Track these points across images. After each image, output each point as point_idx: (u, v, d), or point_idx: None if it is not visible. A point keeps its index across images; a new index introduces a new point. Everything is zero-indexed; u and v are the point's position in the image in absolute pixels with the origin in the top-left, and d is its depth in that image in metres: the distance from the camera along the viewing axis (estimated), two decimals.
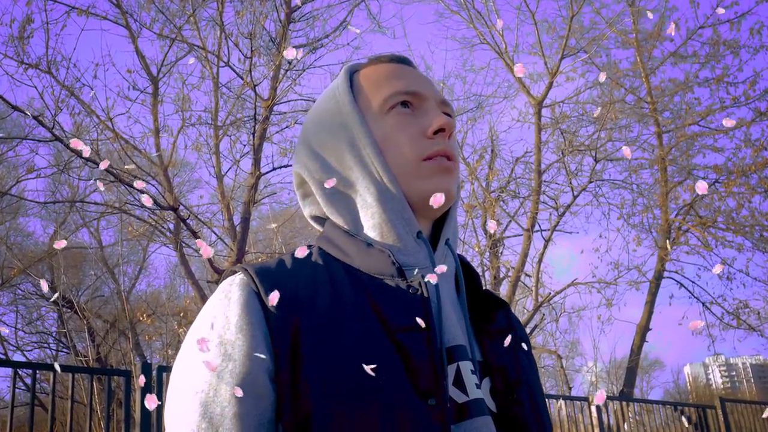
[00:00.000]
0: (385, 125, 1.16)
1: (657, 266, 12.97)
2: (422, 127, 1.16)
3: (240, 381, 0.95)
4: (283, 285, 1.04)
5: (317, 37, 10.19)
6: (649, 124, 12.90)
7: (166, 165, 9.37)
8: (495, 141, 12.84)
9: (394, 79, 1.20)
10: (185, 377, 1.00)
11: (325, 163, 1.19)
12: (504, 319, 1.18)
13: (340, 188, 1.17)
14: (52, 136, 7.55)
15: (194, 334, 1.05)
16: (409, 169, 1.14)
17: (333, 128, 1.19)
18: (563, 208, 11.67)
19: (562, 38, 11.56)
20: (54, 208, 15.98)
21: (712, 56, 12.52)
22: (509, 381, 1.09)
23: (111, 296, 17.30)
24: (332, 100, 1.22)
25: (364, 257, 1.11)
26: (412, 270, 1.11)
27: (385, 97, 1.18)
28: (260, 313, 1.01)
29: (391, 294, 1.06)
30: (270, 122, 9.77)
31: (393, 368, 0.98)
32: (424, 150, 1.14)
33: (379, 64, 1.25)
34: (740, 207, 12.33)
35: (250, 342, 0.98)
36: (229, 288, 1.06)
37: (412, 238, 1.13)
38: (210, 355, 0.98)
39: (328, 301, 1.04)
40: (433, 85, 1.24)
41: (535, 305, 10.88)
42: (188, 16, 9.27)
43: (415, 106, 1.18)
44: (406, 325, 1.02)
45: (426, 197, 1.13)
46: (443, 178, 1.14)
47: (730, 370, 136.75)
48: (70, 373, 5.33)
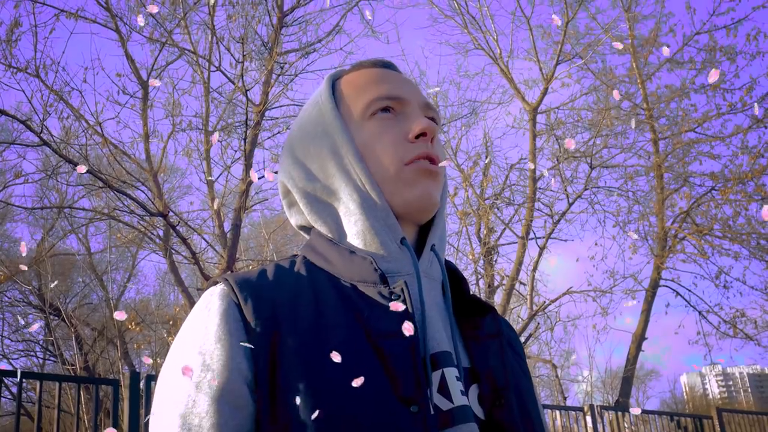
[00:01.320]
0: (366, 131, 1.16)
1: (653, 275, 12.99)
2: (404, 132, 1.16)
3: (218, 391, 0.96)
4: (264, 295, 1.05)
5: (310, 42, 10.20)
6: (645, 130, 12.93)
7: (156, 170, 9.35)
8: (489, 147, 12.86)
9: (376, 84, 1.20)
10: (167, 389, 1.01)
11: (308, 171, 1.19)
12: (492, 323, 1.17)
13: (324, 197, 1.17)
14: (41, 140, 7.55)
15: (176, 346, 1.06)
16: (391, 174, 1.14)
17: (316, 136, 1.19)
18: (558, 215, 11.70)
19: (558, 44, 11.61)
20: (42, 214, 15.95)
21: (709, 62, 12.58)
22: (497, 387, 1.08)
23: (99, 304, 17.26)
24: (315, 108, 1.23)
25: (347, 265, 1.11)
26: (395, 277, 1.11)
27: (366, 103, 1.18)
28: (240, 323, 1.01)
29: (374, 301, 1.06)
30: (261, 128, 9.77)
31: (375, 375, 0.98)
32: (405, 154, 1.14)
33: (361, 70, 1.25)
34: (737, 215, 12.37)
35: (229, 352, 0.98)
36: (210, 298, 1.06)
37: (395, 245, 1.13)
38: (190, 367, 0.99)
39: (310, 310, 1.04)
40: (416, 88, 1.24)
41: (529, 314, 10.89)
42: (179, 20, 9.28)
43: (397, 110, 1.18)
44: (389, 331, 1.02)
45: (409, 203, 1.13)
46: (426, 181, 1.14)
47: (727, 379, 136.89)
48: (56, 382, 5.31)
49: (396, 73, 1.26)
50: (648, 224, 13.16)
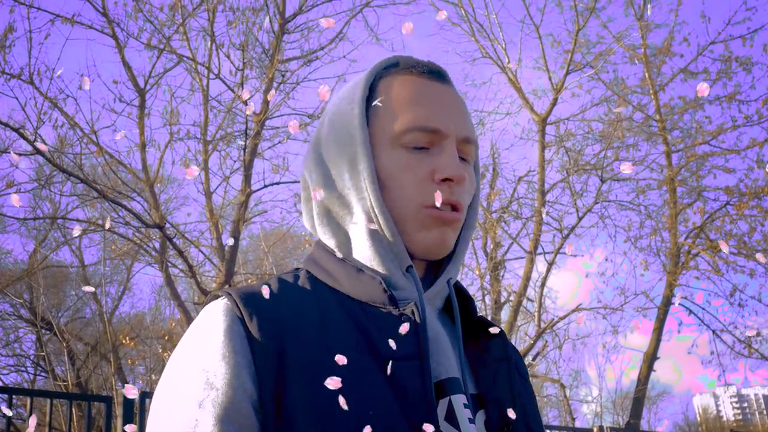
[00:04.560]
0: (393, 158, 1.12)
1: (665, 292, 12.95)
2: (431, 169, 1.11)
3: (223, 411, 0.94)
4: (269, 310, 1.03)
5: (312, 50, 10.22)
6: (658, 143, 12.92)
7: (153, 181, 9.37)
8: (497, 159, 12.85)
9: (419, 106, 1.13)
10: (165, 408, 0.99)
11: (328, 174, 1.16)
12: (500, 346, 1.16)
13: (336, 208, 1.16)
14: (34, 149, 7.56)
15: (176, 362, 1.03)
16: (408, 213, 1.11)
17: (340, 137, 1.15)
18: (567, 230, 11.68)
19: (568, 52, 11.62)
20: (34, 225, 15.94)
21: (724, 73, 12.58)
22: (505, 414, 1.08)
23: (93, 318, 17.22)
24: (350, 105, 1.17)
25: (354, 283, 1.10)
26: (403, 301, 1.10)
27: (402, 130, 1.12)
28: (244, 339, 0.99)
29: (383, 322, 1.05)
30: (261, 137, 9.79)
31: (384, 399, 0.97)
32: (427, 197, 1.10)
33: (407, 75, 1.18)
34: (753, 231, 12.34)
35: (234, 370, 0.97)
36: (212, 313, 1.04)
37: (401, 273, 1.12)
38: (192, 384, 0.97)
39: (316, 327, 1.02)
40: (461, 112, 1.17)
41: (537, 331, 10.85)
42: (177, 26, 9.31)
43: (433, 143, 1.13)
44: (399, 354, 1.01)
45: (420, 246, 1.12)
46: (440, 230, 1.12)
47: (741, 401, 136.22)
48: (48, 399, 5.29)
49: (444, 88, 1.18)
50: (660, 239, 13.15)
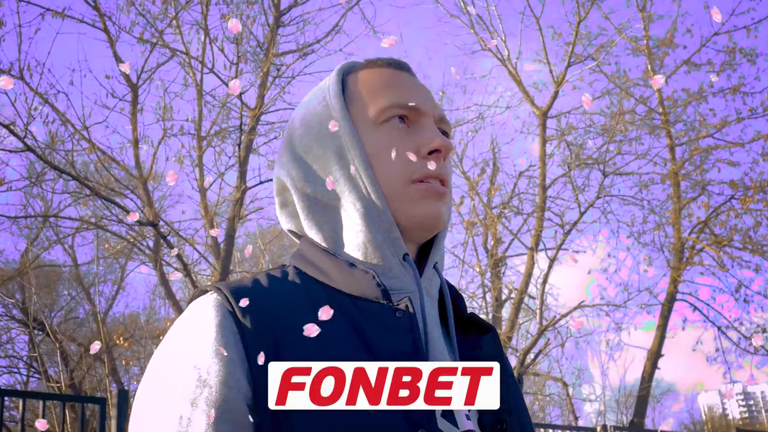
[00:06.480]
0: (377, 139, 1.15)
1: (669, 288, 12.95)
2: (417, 146, 1.14)
3: (217, 409, 0.93)
4: (262, 306, 1.02)
5: (308, 43, 10.21)
6: (661, 136, 12.91)
7: (146, 178, 9.36)
8: (497, 153, 12.83)
9: (392, 89, 1.18)
10: (152, 406, 0.98)
11: (309, 170, 1.17)
12: (492, 343, 1.17)
13: (324, 200, 1.16)
14: (24, 146, 7.55)
15: (163, 359, 1.02)
16: (398, 189, 1.13)
17: (320, 134, 1.17)
18: (569, 225, 11.67)
19: (569, 45, 11.60)
20: (26, 223, 15.93)
21: (728, 64, 12.58)
22: (499, 410, 1.08)
23: (86, 318, 17.22)
24: (322, 103, 1.20)
25: (347, 278, 1.10)
26: (397, 293, 1.10)
27: (380, 109, 1.16)
28: (237, 335, 0.99)
29: (378, 317, 1.05)
30: (257, 133, 9.79)
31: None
32: (415, 171, 1.13)
33: (374, 68, 1.23)
34: (758, 225, 12.34)
35: (228, 367, 0.96)
36: (202, 308, 1.03)
37: (397, 261, 1.12)
38: (183, 382, 0.96)
39: (309, 322, 1.01)
40: (432, 97, 1.23)
41: (539, 329, 10.85)
42: (170, 19, 9.30)
43: (412, 120, 1.17)
44: (394, 350, 1.01)
45: (413, 221, 1.13)
46: (433, 203, 1.14)
47: (747, 399, 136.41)
48: (41, 400, 5.30)
49: (412, 77, 1.24)
50: (664, 235, 13.15)
